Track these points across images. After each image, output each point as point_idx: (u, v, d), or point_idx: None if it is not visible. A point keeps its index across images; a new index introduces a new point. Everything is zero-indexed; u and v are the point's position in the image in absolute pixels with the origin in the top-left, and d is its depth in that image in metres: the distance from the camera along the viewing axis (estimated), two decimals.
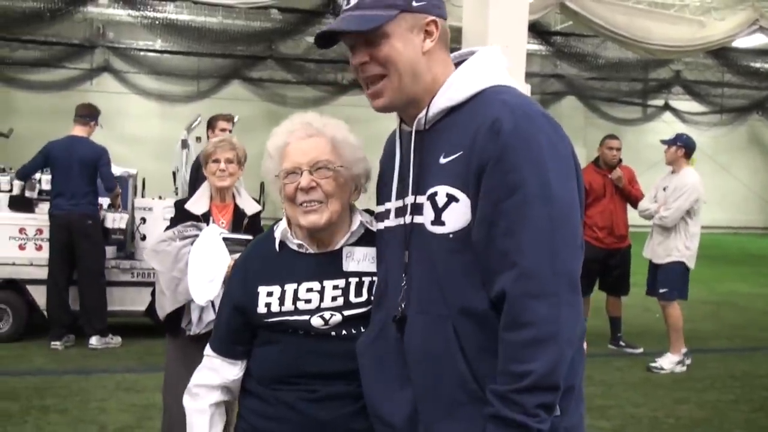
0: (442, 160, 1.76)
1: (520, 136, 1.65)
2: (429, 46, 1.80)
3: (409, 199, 1.83)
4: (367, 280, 2.02)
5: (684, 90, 18.99)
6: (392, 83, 1.81)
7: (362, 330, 1.98)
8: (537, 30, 12.86)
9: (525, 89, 8.72)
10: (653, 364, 7.12)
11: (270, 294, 2.04)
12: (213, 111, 7.68)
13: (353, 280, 2.02)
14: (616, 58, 14.72)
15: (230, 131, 6.89)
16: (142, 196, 8.81)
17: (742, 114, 21.06)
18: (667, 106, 21.18)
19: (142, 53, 17.88)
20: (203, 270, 3.71)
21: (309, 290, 2.02)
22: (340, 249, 2.06)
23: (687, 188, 7.04)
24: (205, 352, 2.19)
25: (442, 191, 1.74)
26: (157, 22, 13.28)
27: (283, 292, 2.03)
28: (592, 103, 20.46)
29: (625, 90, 19.22)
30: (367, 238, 2.07)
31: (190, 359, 3.80)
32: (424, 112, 1.82)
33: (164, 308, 3.89)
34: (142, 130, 20.01)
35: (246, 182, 4.42)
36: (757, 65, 15.56)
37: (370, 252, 2.04)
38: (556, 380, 1.60)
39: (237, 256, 3.58)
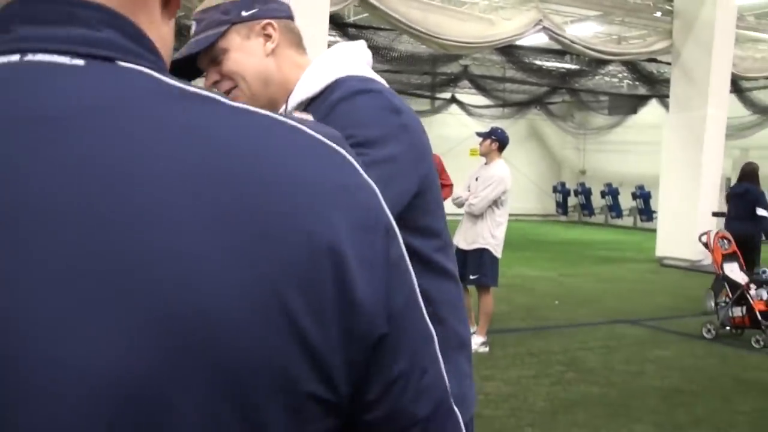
0: None
1: (348, 102, 1.69)
2: (270, 48, 1.82)
3: None
4: None
5: (470, 84, 19.84)
6: (244, 92, 1.83)
7: None
8: (334, 21, 13.01)
9: None
10: None
11: None
12: None
13: None
14: (409, 51, 15.13)
15: None
16: None
17: (522, 108, 22.34)
18: (453, 99, 22.06)
19: None
20: None
21: None
22: None
23: (495, 179, 7.36)
24: None
25: None
26: None
27: None
28: None
29: (415, 83, 19.83)
30: None
31: None
32: (283, 108, 1.84)
33: None
34: None
35: None
36: (538, 63, 16.56)
37: None
38: None
39: None
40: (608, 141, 24.60)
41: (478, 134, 7.77)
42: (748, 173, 10.23)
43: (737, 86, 17.13)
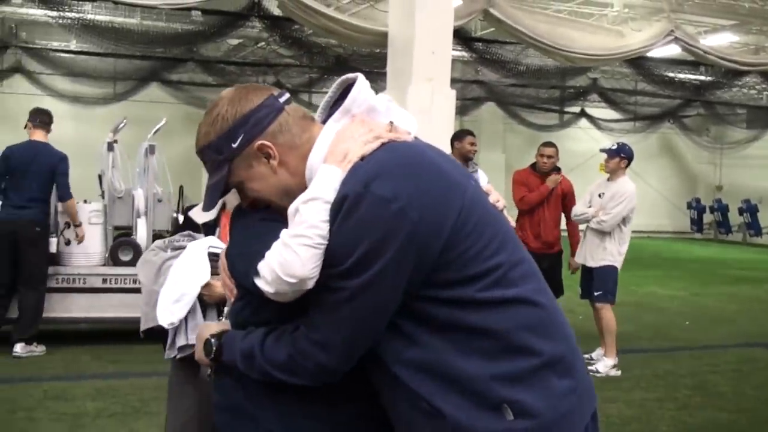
0: None
1: (359, 215, 1.68)
2: (275, 164, 1.86)
3: None
4: None
5: (600, 97, 19.45)
6: (277, 205, 1.90)
7: None
8: (459, 36, 13.00)
9: (450, 95, 8.86)
10: (589, 367, 7.25)
11: None
12: (130, 113, 7.57)
13: None
14: (536, 65, 14.96)
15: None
16: None
17: (654, 122, 21.69)
18: (583, 113, 21.66)
19: (56, 54, 17.38)
20: (173, 288, 3.40)
21: None
22: None
23: (627, 196, 7.24)
24: None
25: None
26: (73, 23, 12.93)
27: None
28: (512, 110, 20.75)
29: (543, 97, 19.57)
30: None
31: (173, 381, 3.61)
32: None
33: (142, 324, 3.59)
34: (55, 133, 19.39)
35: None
36: (670, 75, 16.04)
37: None
38: None
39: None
40: (746, 155, 23.55)
41: (603, 150, 7.60)
42: None
43: None
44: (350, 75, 1.93)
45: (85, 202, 7.91)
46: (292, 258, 1.70)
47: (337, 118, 1.87)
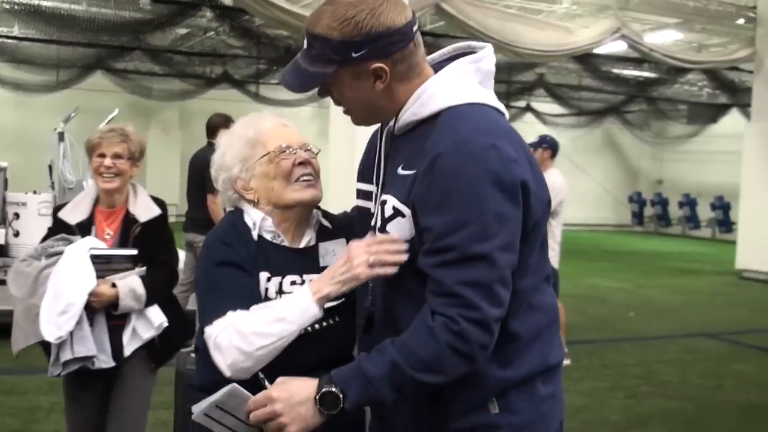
0: (400, 171, 1.81)
1: (461, 178, 1.68)
2: (381, 86, 1.80)
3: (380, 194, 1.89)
4: None
5: (546, 92, 19.70)
6: (355, 117, 1.89)
7: (337, 320, 2.06)
8: None
9: None
10: None
11: (268, 279, 2.04)
12: (74, 102, 7.44)
13: None
14: None
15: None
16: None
17: (598, 117, 22.05)
18: (528, 108, 21.90)
19: None
20: (57, 299, 3.10)
21: (293, 283, 2.05)
22: (316, 246, 2.13)
23: (554, 189, 7.21)
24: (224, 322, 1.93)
25: (390, 202, 1.79)
26: (20, 8, 12.66)
27: (274, 282, 2.05)
28: None
29: None
30: (325, 233, 2.16)
31: (68, 396, 3.50)
32: (393, 120, 1.87)
33: (17, 342, 3.27)
34: None
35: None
36: (615, 71, 16.36)
37: (335, 246, 2.13)
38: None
39: (113, 278, 3.21)
40: (687, 150, 24.10)
41: (528, 145, 7.60)
42: None
43: None
44: (472, 43, 1.92)
45: (35, 192, 7.78)
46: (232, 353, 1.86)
47: (465, 63, 1.86)
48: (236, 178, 2.10)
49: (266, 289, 2.03)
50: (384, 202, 1.80)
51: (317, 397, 1.69)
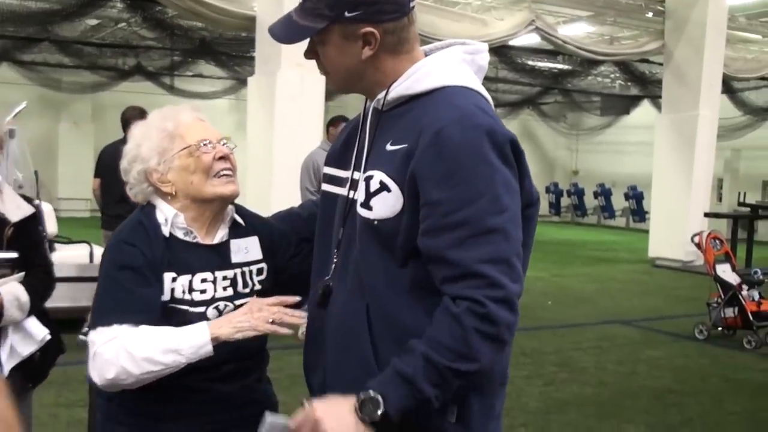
0: (389, 147, 1.77)
1: (469, 150, 1.66)
2: (368, 54, 1.78)
3: (355, 174, 1.86)
4: (247, 269, 2.08)
5: None
6: (334, 80, 1.86)
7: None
8: None
9: (320, 80, 8.83)
10: None
11: (174, 280, 1.97)
12: None
13: (238, 271, 2.06)
14: None
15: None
16: None
17: (515, 109, 22.35)
18: None
19: None
20: None
21: (203, 281, 2.00)
22: (227, 242, 2.08)
23: None
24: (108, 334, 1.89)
25: (377, 177, 1.75)
26: None
27: (182, 281, 1.98)
28: None
29: None
30: (237, 229, 2.12)
31: None
32: (383, 93, 1.83)
33: None
34: None
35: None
36: (531, 63, 16.56)
37: (247, 243, 2.10)
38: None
39: None
40: (601, 141, 24.65)
41: None
42: None
43: (729, 87, 17.18)
44: (468, 41, 1.92)
45: None
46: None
47: (462, 51, 1.86)
48: (152, 170, 2.03)
49: (172, 289, 1.96)
50: (370, 177, 1.76)
51: (357, 405, 1.65)
